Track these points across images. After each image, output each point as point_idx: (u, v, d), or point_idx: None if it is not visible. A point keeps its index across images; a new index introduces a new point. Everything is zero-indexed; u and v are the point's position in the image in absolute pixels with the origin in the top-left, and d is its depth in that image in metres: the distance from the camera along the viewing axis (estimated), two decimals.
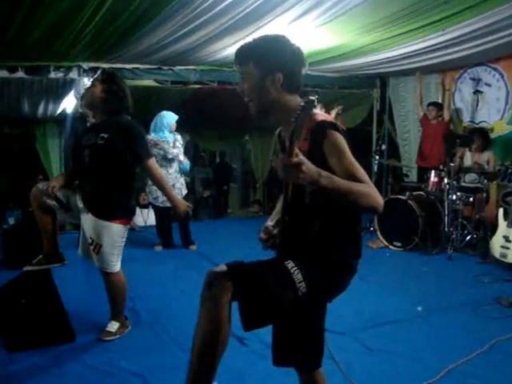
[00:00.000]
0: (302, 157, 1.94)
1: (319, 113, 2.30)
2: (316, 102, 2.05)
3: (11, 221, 10.12)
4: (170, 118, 7.54)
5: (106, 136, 3.98)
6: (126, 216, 4.17)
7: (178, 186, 7.42)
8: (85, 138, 4.16)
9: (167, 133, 7.50)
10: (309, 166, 1.95)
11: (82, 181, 4.17)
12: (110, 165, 3.97)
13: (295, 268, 2.25)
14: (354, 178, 2.09)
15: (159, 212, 7.66)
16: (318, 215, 2.26)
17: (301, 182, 1.99)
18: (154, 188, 7.14)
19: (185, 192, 7.56)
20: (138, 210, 9.75)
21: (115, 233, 4.05)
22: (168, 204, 5.99)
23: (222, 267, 2.24)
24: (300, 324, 2.37)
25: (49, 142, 10.14)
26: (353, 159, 2.16)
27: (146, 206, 9.97)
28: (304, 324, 2.37)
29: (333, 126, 2.21)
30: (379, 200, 2.09)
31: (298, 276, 2.24)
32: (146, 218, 9.96)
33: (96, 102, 4.11)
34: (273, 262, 2.36)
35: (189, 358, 2.21)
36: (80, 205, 4.11)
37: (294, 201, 2.25)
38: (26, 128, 10.52)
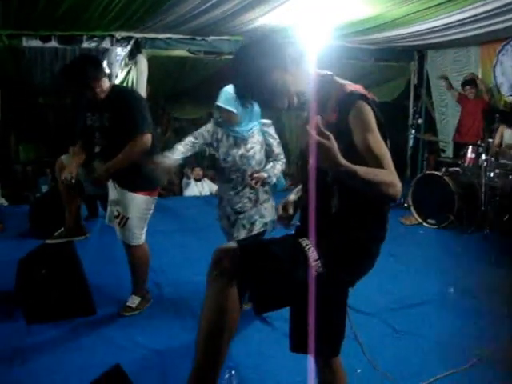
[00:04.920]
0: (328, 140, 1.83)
1: (348, 83, 2.20)
2: None
3: (44, 188, 10.28)
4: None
5: (109, 115, 3.92)
6: (151, 187, 4.11)
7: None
8: (90, 118, 4.09)
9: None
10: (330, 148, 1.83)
11: (103, 157, 4.10)
12: (125, 141, 3.84)
13: (310, 245, 2.16)
14: (376, 160, 1.98)
15: None
16: (339, 193, 2.15)
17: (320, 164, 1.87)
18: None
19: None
20: (192, 182, 10.30)
21: (141, 204, 4.02)
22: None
23: (232, 244, 2.16)
24: (318, 308, 2.22)
25: None
26: (378, 138, 2.03)
27: (199, 180, 10.36)
28: (322, 308, 2.22)
29: (362, 96, 2.10)
30: (398, 189, 1.96)
31: (313, 254, 2.14)
32: (200, 189, 10.26)
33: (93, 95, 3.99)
34: (287, 240, 2.27)
35: (194, 347, 2.12)
36: None
37: (316, 177, 2.12)
38: (59, 98, 10.57)
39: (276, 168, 4.14)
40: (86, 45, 7.59)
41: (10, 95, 9.26)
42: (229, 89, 3.86)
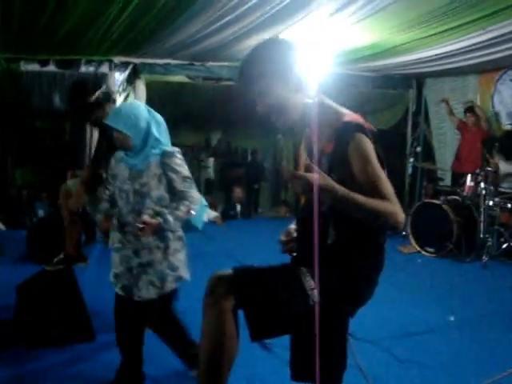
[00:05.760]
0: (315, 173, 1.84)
1: (347, 112, 2.16)
2: None
3: (41, 213, 10.22)
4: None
5: (102, 137, 3.94)
6: None
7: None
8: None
9: None
10: (324, 182, 1.85)
11: None
12: None
13: (307, 275, 2.12)
14: (376, 190, 1.95)
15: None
16: (334, 224, 2.11)
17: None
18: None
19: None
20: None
21: None
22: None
23: (228, 271, 2.12)
24: (315, 336, 2.20)
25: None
26: (378, 169, 2.01)
27: None
28: (321, 337, 2.11)
29: (360, 127, 2.07)
30: (400, 219, 1.95)
31: (309, 283, 2.09)
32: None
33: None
34: (284, 268, 2.24)
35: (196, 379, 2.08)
36: None
37: (309, 208, 2.06)
38: (56, 122, 10.57)
39: (178, 211, 3.16)
40: (83, 69, 7.61)
41: (7, 119, 9.27)
42: (124, 104, 3.46)
